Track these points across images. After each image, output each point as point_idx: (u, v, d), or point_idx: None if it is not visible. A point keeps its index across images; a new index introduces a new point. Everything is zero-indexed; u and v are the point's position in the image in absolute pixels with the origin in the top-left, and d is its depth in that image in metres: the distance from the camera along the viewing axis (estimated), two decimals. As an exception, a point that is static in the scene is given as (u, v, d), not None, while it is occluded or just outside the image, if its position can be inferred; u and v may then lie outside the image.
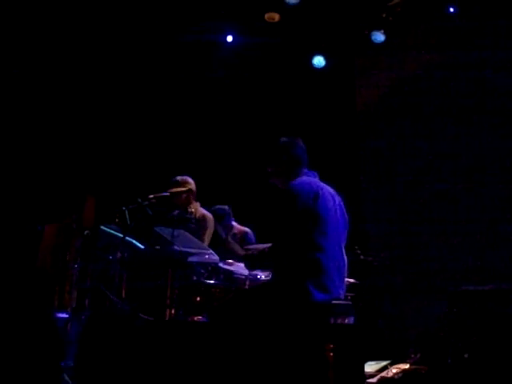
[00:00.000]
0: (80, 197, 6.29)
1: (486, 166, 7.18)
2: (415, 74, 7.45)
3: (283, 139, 4.12)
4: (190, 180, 5.69)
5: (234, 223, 6.01)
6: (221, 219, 5.82)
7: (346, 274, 4.01)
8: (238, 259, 4.80)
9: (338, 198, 4.03)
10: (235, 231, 5.97)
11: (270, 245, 3.90)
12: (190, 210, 5.55)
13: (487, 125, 7.22)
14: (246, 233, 6.04)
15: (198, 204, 5.71)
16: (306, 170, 4.03)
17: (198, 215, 5.60)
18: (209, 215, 5.64)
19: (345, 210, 4.05)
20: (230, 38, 7.36)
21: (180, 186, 5.51)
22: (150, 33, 7.10)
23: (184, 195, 5.54)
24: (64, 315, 5.02)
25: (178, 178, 5.64)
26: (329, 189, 4.00)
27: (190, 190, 5.58)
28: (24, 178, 6.71)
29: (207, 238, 5.49)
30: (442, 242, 7.06)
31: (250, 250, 4.18)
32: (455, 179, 7.21)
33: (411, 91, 7.42)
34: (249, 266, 4.20)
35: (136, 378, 3.60)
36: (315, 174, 4.07)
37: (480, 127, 7.24)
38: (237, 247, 5.25)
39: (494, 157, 7.18)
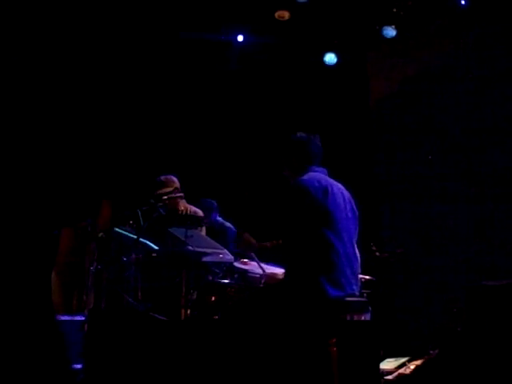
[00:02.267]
0: (95, 200, 6.32)
1: (501, 160, 7.12)
2: (428, 68, 7.40)
3: (300, 134, 4.10)
4: (175, 178, 5.60)
5: (218, 218, 5.93)
6: (206, 212, 5.75)
7: (359, 270, 3.98)
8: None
9: (347, 195, 4.00)
10: (217, 227, 5.90)
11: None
12: (180, 208, 5.48)
13: (502, 119, 7.15)
14: (229, 228, 5.96)
15: (184, 201, 5.63)
16: (315, 167, 4.00)
17: (190, 213, 5.55)
18: (200, 211, 5.60)
19: (355, 206, 4.02)
20: (240, 38, 7.36)
21: (167, 187, 5.43)
22: (161, 33, 7.11)
23: (171, 197, 5.41)
24: (81, 318, 5.04)
25: (162, 177, 5.57)
26: (338, 185, 3.97)
27: (177, 188, 5.48)
28: (39, 183, 6.75)
29: (203, 233, 5.44)
30: (458, 237, 7.01)
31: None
32: (470, 174, 7.16)
33: (424, 86, 7.37)
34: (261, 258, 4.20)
35: (151, 378, 3.60)
36: (324, 170, 4.03)
37: (494, 122, 7.18)
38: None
39: (509, 152, 7.12)
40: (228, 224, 5.99)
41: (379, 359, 3.87)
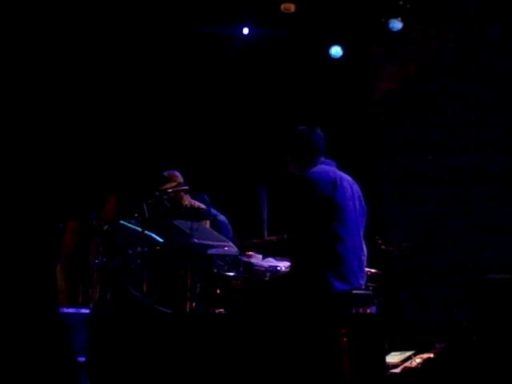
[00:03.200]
0: (100, 193, 6.31)
1: (504, 159, 7.11)
2: (434, 62, 7.38)
3: (301, 127, 4.10)
4: (178, 173, 5.59)
5: (212, 211, 5.90)
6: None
7: (365, 264, 3.97)
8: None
9: (355, 187, 3.99)
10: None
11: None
12: (184, 203, 5.47)
13: (506, 113, 7.14)
14: (222, 222, 5.93)
15: (188, 196, 5.63)
16: (323, 159, 3.99)
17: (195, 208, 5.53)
18: (203, 206, 5.59)
19: (362, 199, 4.01)
20: (246, 31, 7.34)
21: (170, 182, 5.44)
22: (165, 26, 7.09)
23: (176, 190, 5.41)
24: (86, 311, 5.04)
25: (165, 173, 5.55)
26: (347, 177, 3.96)
27: (180, 183, 5.49)
28: (44, 176, 6.75)
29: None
30: (464, 231, 7.00)
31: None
32: (476, 168, 7.14)
33: (430, 79, 7.35)
34: (265, 253, 4.20)
35: (156, 370, 3.61)
36: (333, 162, 4.03)
37: (499, 116, 7.16)
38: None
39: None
40: (222, 217, 5.94)
41: (385, 352, 3.86)
